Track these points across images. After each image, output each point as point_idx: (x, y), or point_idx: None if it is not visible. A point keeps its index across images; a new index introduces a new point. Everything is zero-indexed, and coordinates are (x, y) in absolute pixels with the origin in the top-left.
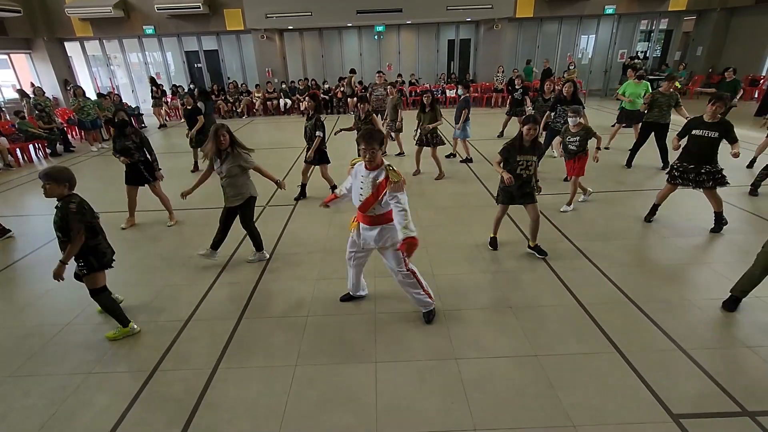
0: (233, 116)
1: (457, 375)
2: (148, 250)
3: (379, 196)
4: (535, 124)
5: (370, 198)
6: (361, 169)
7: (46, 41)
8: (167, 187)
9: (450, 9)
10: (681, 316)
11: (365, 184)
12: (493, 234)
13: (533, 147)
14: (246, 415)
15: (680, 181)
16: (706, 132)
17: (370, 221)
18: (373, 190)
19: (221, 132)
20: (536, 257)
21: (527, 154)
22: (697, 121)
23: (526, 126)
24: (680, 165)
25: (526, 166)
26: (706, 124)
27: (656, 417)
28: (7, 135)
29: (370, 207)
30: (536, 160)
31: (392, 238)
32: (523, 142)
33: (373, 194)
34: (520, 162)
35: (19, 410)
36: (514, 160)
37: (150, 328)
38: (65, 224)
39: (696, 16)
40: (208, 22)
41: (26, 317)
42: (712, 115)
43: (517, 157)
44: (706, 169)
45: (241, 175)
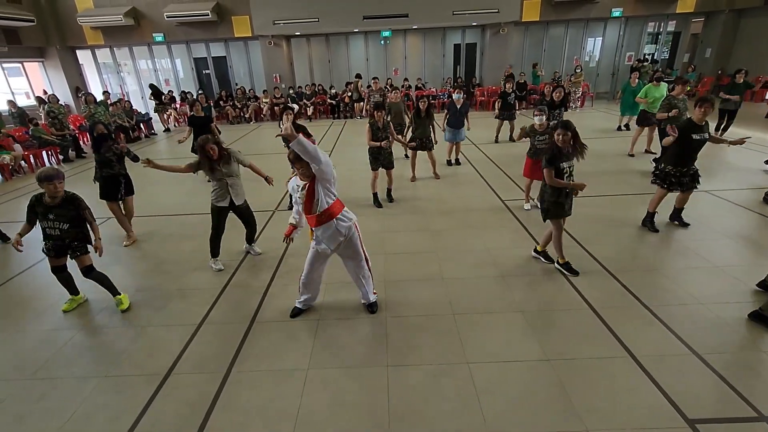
0: (241, 122)
1: (469, 379)
2: (155, 256)
3: (312, 192)
4: (566, 128)
5: (307, 194)
6: (297, 180)
7: (58, 49)
8: (172, 193)
9: (456, 13)
10: (695, 321)
11: (301, 189)
12: (562, 259)
13: (574, 151)
14: (260, 418)
15: (676, 186)
16: (702, 135)
17: (320, 221)
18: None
19: (208, 146)
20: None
21: (569, 159)
22: (692, 125)
23: (556, 132)
24: (676, 170)
25: (570, 173)
26: (700, 127)
27: (671, 422)
28: (21, 142)
29: (313, 205)
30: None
31: (348, 228)
32: (563, 149)
33: (307, 194)
34: (564, 170)
35: (37, 412)
36: (559, 169)
37: (162, 333)
38: (77, 213)
39: (704, 17)
40: (216, 29)
41: (42, 322)
42: (702, 118)
43: (562, 165)
44: (693, 170)
45: (239, 175)
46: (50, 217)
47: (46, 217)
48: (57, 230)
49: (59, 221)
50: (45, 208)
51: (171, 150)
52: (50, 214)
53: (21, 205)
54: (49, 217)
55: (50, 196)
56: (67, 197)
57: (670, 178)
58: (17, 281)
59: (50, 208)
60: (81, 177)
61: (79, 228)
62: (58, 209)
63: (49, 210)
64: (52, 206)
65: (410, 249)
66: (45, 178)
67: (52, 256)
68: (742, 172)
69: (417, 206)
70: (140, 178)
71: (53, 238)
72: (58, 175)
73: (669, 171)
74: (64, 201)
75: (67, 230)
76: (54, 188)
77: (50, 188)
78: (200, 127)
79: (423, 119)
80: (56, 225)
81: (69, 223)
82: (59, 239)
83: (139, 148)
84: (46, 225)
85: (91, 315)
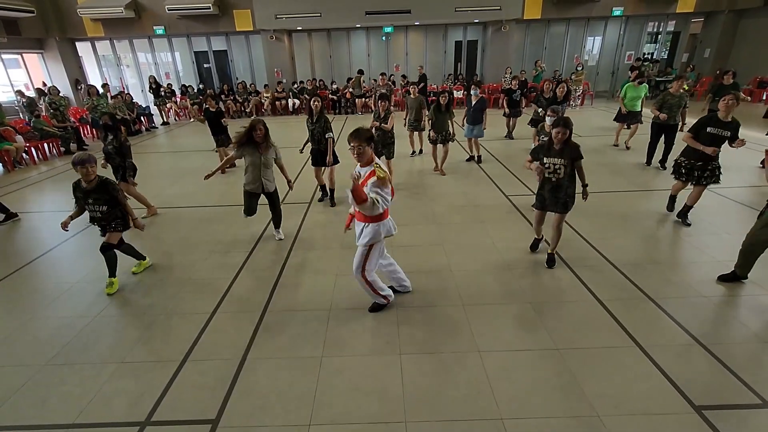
0: (242, 116)
1: (481, 366)
2: (166, 245)
3: (364, 184)
4: (565, 128)
5: (362, 184)
6: (358, 167)
7: (58, 41)
8: (181, 185)
9: (458, 10)
10: (699, 313)
11: (355, 179)
12: (537, 236)
13: (563, 150)
14: (278, 402)
15: (686, 177)
16: (721, 131)
17: (359, 217)
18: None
19: (259, 126)
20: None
21: (555, 156)
22: (711, 119)
23: (555, 129)
24: (687, 162)
25: (554, 170)
26: (721, 122)
27: (679, 408)
28: (23, 133)
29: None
30: (566, 164)
31: (361, 237)
32: (553, 144)
33: (363, 182)
34: (547, 165)
35: (58, 397)
36: (542, 163)
37: (177, 320)
38: (111, 196)
39: (704, 17)
40: (217, 23)
41: (57, 308)
42: (727, 113)
43: (545, 159)
44: (713, 165)
45: (272, 166)
46: (90, 201)
47: (87, 201)
48: (98, 213)
49: (98, 204)
50: (84, 192)
51: (171, 143)
52: (89, 198)
53: (23, 196)
54: (89, 201)
55: (85, 180)
56: (100, 182)
57: (681, 169)
58: (32, 267)
59: (88, 192)
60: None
61: (118, 209)
62: (94, 194)
63: (88, 194)
64: (89, 191)
65: (418, 241)
66: (78, 162)
67: (102, 234)
68: (741, 170)
69: (423, 200)
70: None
71: (97, 220)
72: (90, 159)
73: (680, 162)
74: (98, 185)
75: (107, 212)
76: (86, 171)
77: (83, 171)
78: (212, 120)
79: (443, 113)
80: (96, 208)
81: (107, 205)
82: (103, 220)
83: (140, 141)
84: (88, 209)
85: (106, 303)
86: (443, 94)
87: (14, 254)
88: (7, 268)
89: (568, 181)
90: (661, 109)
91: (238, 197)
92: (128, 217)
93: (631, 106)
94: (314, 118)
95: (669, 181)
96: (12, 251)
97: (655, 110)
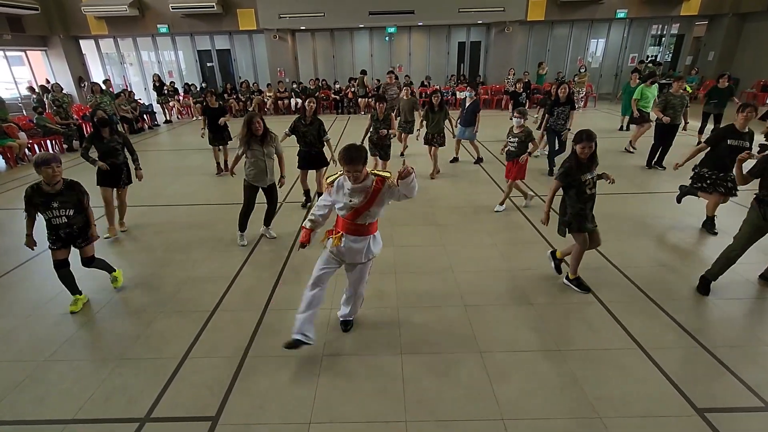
0: (245, 115)
1: (482, 367)
2: (164, 244)
3: (373, 202)
4: (590, 140)
5: (364, 206)
6: (345, 182)
7: (62, 39)
8: (178, 184)
9: (462, 11)
10: (702, 315)
11: (355, 193)
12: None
13: (592, 161)
14: (277, 402)
15: (718, 189)
16: (741, 142)
17: (359, 231)
18: (366, 197)
19: (256, 120)
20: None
21: (588, 171)
22: (730, 131)
23: (579, 144)
24: (711, 173)
25: (594, 184)
26: (740, 133)
27: (680, 410)
28: (25, 130)
29: (362, 214)
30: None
31: (372, 252)
32: (580, 160)
33: (369, 200)
34: (586, 182)
35: (57, 394)
36: (580, 182)
37: (176, 319)
38: (79, 199)
39: (708, 21)
40: (221, 22)
41: (56, 305)
42: (744, 124)
43: (582, 177)
44: (731, 177)
45: (273, 158)
46: (54, 205)
47: (50, 206)
48: (64, 217)
49: (64, 208)
50: (46, 196)
51: (174, 141)
52: (54, 202)
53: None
54: (53, 205)
55: (48, 183)
56: (67, 183)
57: (705, 181)
58: (31, 264)
59: (53, 195)
60: (85, 167)
61: (84, 214)
62: (61, 196)
63: (52, 198)
64: (53, 194)
65: (418, 242)
66: (42, 162)
67: (59, 248)
68: None
69: (423, 200)
70: (150, 166)
71: (62, 227)
72: (55, 159)
73: (704, 174)
74: (65, 187)
75: (73, 216)
76: (52, 172)
77: (48, 172)
78: (213, 118)
79: (437, 114)
80: (62, 212)
81: (74, 209)
82: (68, 226)
83: (142, 139)
84: (51, 215)
85: (106, 300)
86: (435, 94)
87: (14, 251)
88: (6, 265)
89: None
90: (665, 110)
91: (238, 196)
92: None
93: (644, 107)
94: (307, 120)
95: (669, 182)
96: (11, 247)
97: (658, 112)
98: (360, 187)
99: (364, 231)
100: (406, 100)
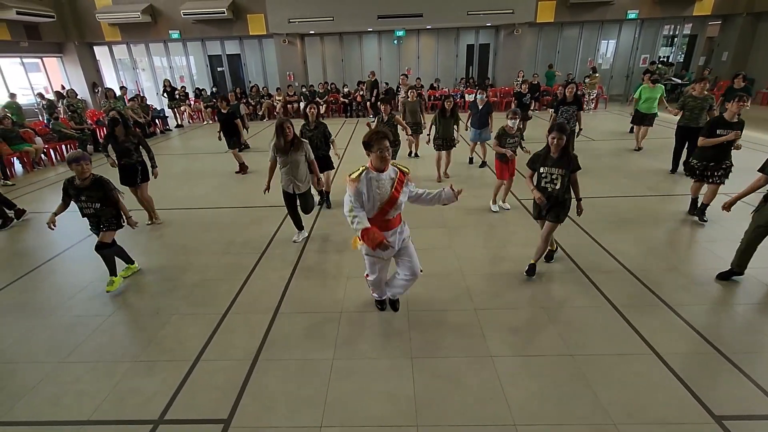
0: (255, 119)
1: (493, 371)
2: (178, 246)
3: (400, 192)
4: (562, 132)
5: (395, 194)
6: (372, 174)
7: (76, 45)
8: (190, 186)
9: (471, 14)
10: (720, 321)
11: (382, 187)
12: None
13: (561, 159)
14: (288, 404)
15: (701, 177)
16: (729, 131)
17: (389, 225)
18: (393, 188)
19: (286, 125)
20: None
21: (553, 166)
22: (719, 121)
23: (551, 135)
24: (700, 163)
25: (551, 179)
26: (729, 123)
27: (697, 418)
28: (41, 135)
29: (392, 208)
30: (564, 174)
31: (406, 232)
32: (550, 152)
33: (393, 194)
34: (544, 174)
35: (72, 394)
36: (538, 172)
37: (189, 321)
38: (105, 195)
39: (721, 20)
40: (231, 27)
41: (72, 308)
42: (735, 113)
43: (541, 168)
44: (726, 164)
45: (303, 164)
46: (82, 198)
47: (79, 198)
48: (92, 209)
49: (91, 201)
50: (77, 190)
51: (185, 145)
52: (82, 196)
53: (42, 196)
54: (81, 198)
55: (79, 178)
56: (95, 179)
57: (694, 170)
58: (48, 267)
59: (81, 190)
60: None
61: (112, 207)
62: (88, 191)
63: (81, 192)
64: (82, 188)
65: (427, 244)
66: (73, 160)
67: (96, 233)
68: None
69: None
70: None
71: (89, 217)
72: (84, 157)
73: (693, 164)
74: (92, 183)
75: (100, 209)
76: (81, 169)
77: (78, 169)
78: (224, 122)
79: (448, 119)
80: (89, 205)
81: (100, 203)
82: (95, 217)
83: (155, 144)
84: (81, 205)
85: (119, 302)
86: (448, 99)
87: (30, 254)
88: (23, 268)
89: (564, 192)
90: (682, 111)
91: (250, 198)
92: (122, 216)
93: (644, 108)
94: (311, 125)
95: (682, 185)
96: (28, 251)
97: (672, 110)
98: (387, 177)
99: (393, 223)
100: (410, 101)
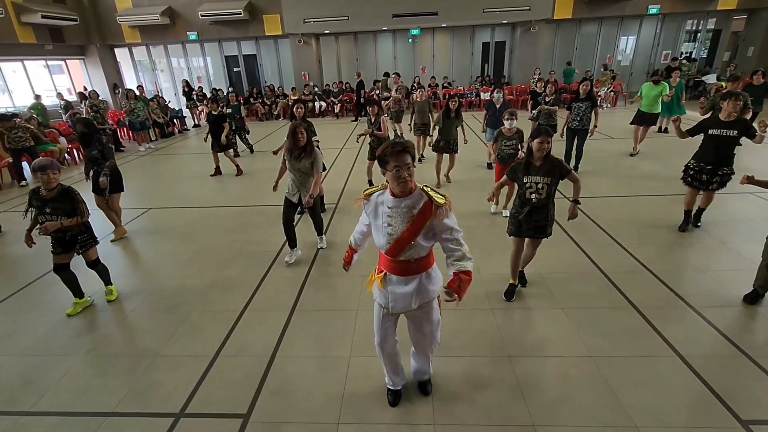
0: (270, 118)
1: (511, 372)
2: (193, 246)
3: (419, 230)
4: (547, 136)
5: (406, 234)
6: (385, 198)
7: (98, 47)
8: (209, 186)
9: (486, 11)
10: (745, 324)
11: (395, 217)
12: (512, 279)
13: (544, 166)
14: (307, 400)
15: (694, 182)
16: (725, 131)
17: (403, 270)
18: (409, 223)
19: (300, 129)
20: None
21: (537, 174)
22: (712, 120)
23: (536, 139)
24: (695, 165)
25: (537, 189)
26: (723, 122)
27: (723, 422)
28: (65, 135)
29: (405, 248)
30: (550, 183)
31: (433, 292)
32: (533, 159)
33: (409, 229)
34: (528, 184)
35: (96, 388)
36: (521, 182)
37: (207, 318)
38: (73, 207)
39: (747, 15)
40: (247, 28)
41: (95, 304)
42: (730, 114)
43: (524, 178)
44: (723, 171)
45: (311, 174)
46: (47, 211)
47: (43, 211)
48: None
49: (56, 214)
50: (41, 201)
51: (201, 145)
52: (47, 208)
53: None
54: (45, 211)
55: (45, 188)
56: (62, 190)
57: (688, 171)
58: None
59: (46, 201)
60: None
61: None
62: (54, 203)
63: (46, 203)
64: (48, 199)
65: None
66: (38, 168)
67: (59, 253)
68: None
69: None
70: (180, 170)
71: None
72: (52, 165)
73: (689, 165)
74: (59, 194)
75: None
76: (47, 178)
77: (44, 178)
78: (213, 124)
79: (452, 120)
80: (53, 219)
81: (67, 217)
82: (60, 231)
83: (172, 143)
84: (44, 219)
85: (138, 300)
86: (453, 99)
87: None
88: (47, 266)
89: (550, 202)
90: (712, 111)
91: (267, 198)
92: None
93: (645, 107)
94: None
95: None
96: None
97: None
98: (404, 205)
99: (412, 269)
100: (420, 101)
